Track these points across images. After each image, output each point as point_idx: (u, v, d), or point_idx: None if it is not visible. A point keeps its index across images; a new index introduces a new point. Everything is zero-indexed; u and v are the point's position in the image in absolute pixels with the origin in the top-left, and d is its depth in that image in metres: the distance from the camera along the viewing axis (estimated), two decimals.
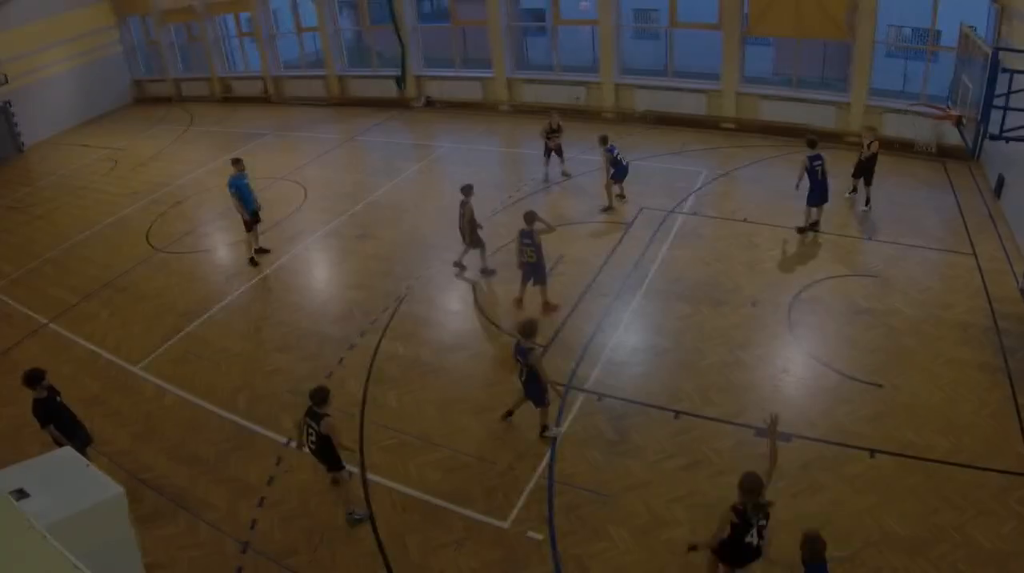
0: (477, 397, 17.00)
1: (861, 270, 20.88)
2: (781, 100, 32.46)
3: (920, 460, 14.43)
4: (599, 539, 13.22)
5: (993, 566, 12.24)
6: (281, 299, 21.75)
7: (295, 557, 13.35)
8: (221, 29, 45.99)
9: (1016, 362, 17.00)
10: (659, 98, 35.03)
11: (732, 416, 15.95)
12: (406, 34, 39.22)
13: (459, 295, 21.34)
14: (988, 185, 26.30)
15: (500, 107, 38.99)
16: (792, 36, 31.81)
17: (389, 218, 26.46)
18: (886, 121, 30.27)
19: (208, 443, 16.30)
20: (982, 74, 16.08)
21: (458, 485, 14.59)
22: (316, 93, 43.38)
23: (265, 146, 36.33)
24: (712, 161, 29.78)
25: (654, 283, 21.04)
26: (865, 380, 16.67)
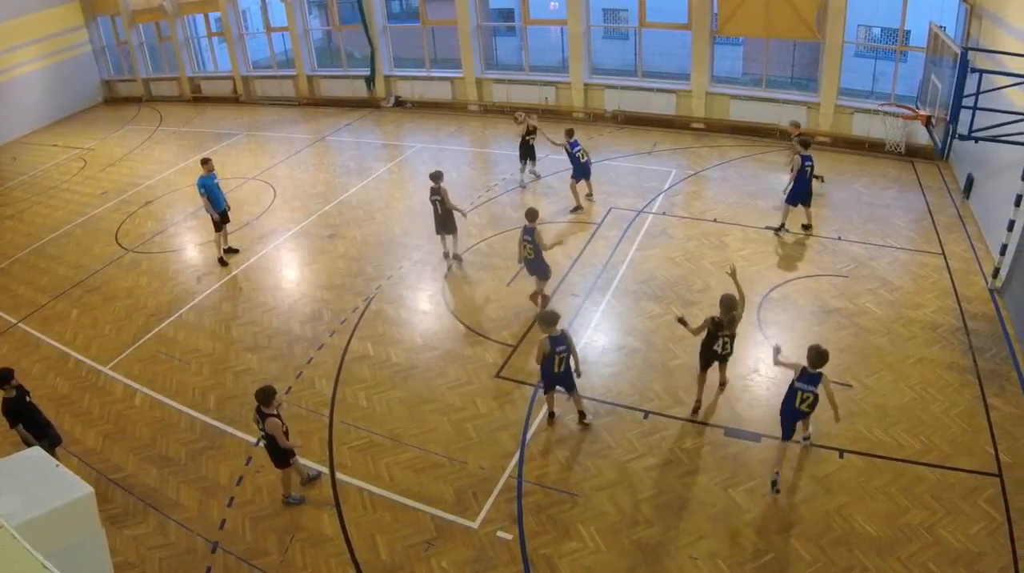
0: (447, 397, 16.97)
1: (831, 270, 20.94)
2: (751, 100, 32.61)
3: (890, 460, 14.49)
4: (569, 539, 13.23)
5: (962, 566, 12.29)
6: (251, 299, 21.71)
7: (265, 557, 13.32)
8: (191, 29, 45.93)
9: (985, 362, 17.11)
10: (629, 98, 35.15)
11: (701, 416, 16.00)
12: (376, 34, 39.33)
13: (429, 295, 21.28)
14: (957, 185, 26.44)
15: (469, 107, 39.11)
16: (762, 36, 31.87)
17: (359, 218, 26.45)
18: (856, 121, 30.46)
19: (178, 443, 16.24)
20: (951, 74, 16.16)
21: (428, 485, 14.57)
22: (286, 93, 43.43)
23: (235, 146, 36.24)
24: (682, 161, 29.85)
25: (624, 283, 21.07)
26: (835, 380, 16.51)
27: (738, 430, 15.49)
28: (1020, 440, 14.80)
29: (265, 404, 13.41)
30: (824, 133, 31.21)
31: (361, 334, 19.48)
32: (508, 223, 25.03)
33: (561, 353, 14.87)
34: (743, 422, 15.75)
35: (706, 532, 13.19)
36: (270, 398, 13.41)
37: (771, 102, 32.13)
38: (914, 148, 29.41)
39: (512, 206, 26.38)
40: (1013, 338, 17.89)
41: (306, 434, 15.64)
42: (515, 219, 24.99)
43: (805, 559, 12.57)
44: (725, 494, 13.94)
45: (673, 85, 34.72)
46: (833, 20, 29.61)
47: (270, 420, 13.36)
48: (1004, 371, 16.86)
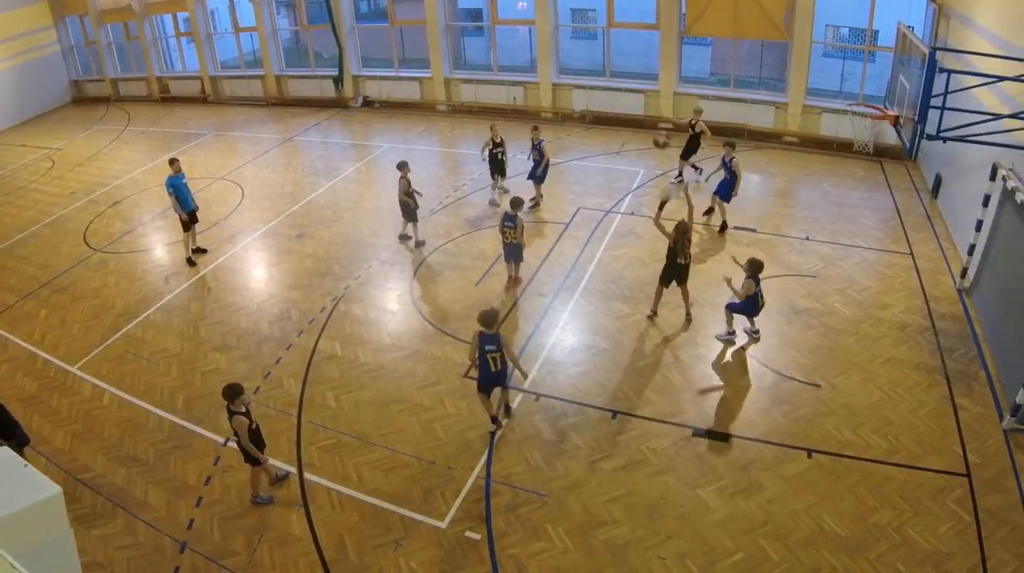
0: (415, 397, 16.92)
1: (799, 270, 21.01)
2: (719, 100, 32.72)
3: (858, 460, 14.52)
4: (537, 539, 13.20)
5: (930, 566, 12.31)
6: (219, 299, 21.59)
7: (233, 557, 13.24)
8: (159, 29, 45.71)
9: (953, 362, 17.19)
10: (597, 98, 35.32)
11: (670, 416, 15.97)
12: (344, 34, 39.33)
13: (397, 295, 21.21)
14: (925, 185, 26.59)
15: (438, 107, 39.15)
16: (730, 36, 31.99)
17: (327, 218, 26.38)
18: (824, 121, 30.61)
19: (146, 443, 16.12)
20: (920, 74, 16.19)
21: (396, 485, 14.51)
22: (254, 93, 43.35)
23: (203, 146, 36.07)
24: (650, 161, 29.91)
25: (592, 283, 21.09)
26: (803, 380, 16.77)
27: (706, 430, 15.47)
28: (988, 440, 14.86)
29: (232, 401, 13.34)
30: (792, 133, 31.38)
31: (329, 334, 19.41)
32: (476, 223, 25.08)
33: (491, 352, 14.86)
34: (711, 422, 15.74)
35: (674, 532, 13.18)
36: (236, 395, 13.34)
37: (739, 102, 32.33)
38: (882, 148, 29.58)
39: (479, 206, 26.41)
40: (981, 338, 17.97)
41: (274, 434, 15.53)
42: (484, 219, 25.07)
43: (773, 559, 12.58)
44: (693, 494, 13.93)
45: (641, 85, 34.92)
46: (801, 20, 29.76)
47: (236, 418, 13.32)
48: (972, 371, 16.93)
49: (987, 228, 18.72)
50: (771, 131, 32.01)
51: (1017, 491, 13.65)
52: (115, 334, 20.19)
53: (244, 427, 13.36)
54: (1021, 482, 13.81)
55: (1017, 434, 14.90)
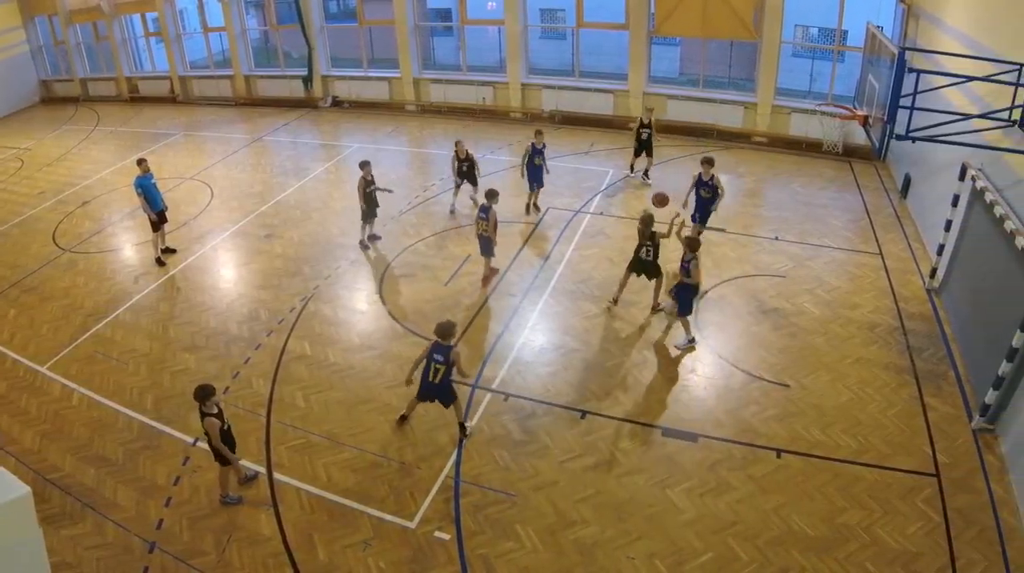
0: (384, 397, 16.87)
1: (768, 270, 21.06)
2: (688, 100, 32.89)
3: (827, 460, 14.56)
4: (506, 539, 13.17)
5: (900, 566, 12.34)
6: (188, 299, 21.47)
7: (202, 557, 13.15)
8: (128, 29, 45.44)
9: (922, 362, 17.27)
10: (566, 98, 35.47)
11: (639, 416, 15.98)
12: (313, 34, 39.27)
13: (366, 295, 21.16)
14: (895, 185, 26.73)
15: (407, 107, 39.19)
16: (699, 36, 32.18)
17: (296, 218, 26.31)
18: (793, 121, 30.75)
19: (115, 443, 16.00)
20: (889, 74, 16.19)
21: (365, 485, 14.46)
22: (223, 93, 43.18)
23: (172, 146, 35.89)
24: (619, 161, 29.96)
25: (562, 283, 21.11)
26: (772, 380, 16.81)
27: (675, 430, 15.48)
28: (957, 440, 14.93)
29: (203, 403, 13.28)
30: (761, 133, 31.54)
31: (299, 334, 19.35)
32: (445, 223, 25.07)
33: (437, 363, 14.72)
34: (681, 422, 15.74)
35: (644, 532, 13.17)
36: (208, 396, 13.28)
37: (708, 102, 32.45)
38: (851, 148, 29.76)
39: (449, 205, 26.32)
40: (950, 338, 18.05)
41: (243, 434, 15.39)
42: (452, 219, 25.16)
43: (742, 559, 12.58)
44: (662, 494, 13.92)
45: (610, 85, 35.12)
46: (770, 20, 29.89)
47: (208, 419, 13.26)
48: (941, 371, 17.00)
49: (956, 228, 18.80)
50: (740, 131, 32.14)
51: (986, 491, 13.70)
52: (84, 334, 20.04)
53: (215, 429, 13.29)
54: (990, 482, 13.87)
55: (986, 434, 14.97)
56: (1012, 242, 14.52)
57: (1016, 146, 15.71)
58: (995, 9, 18.79)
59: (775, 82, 31.17)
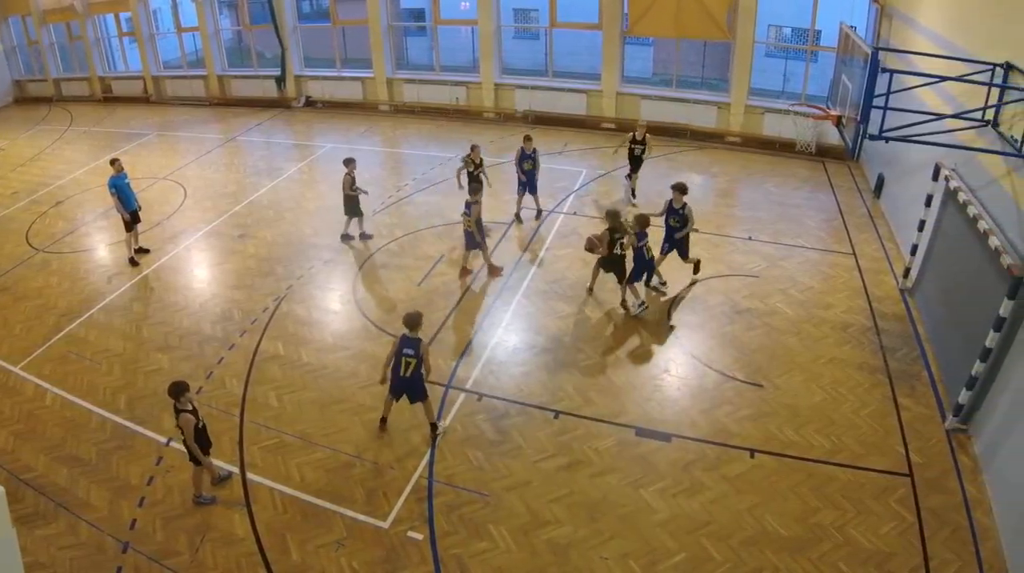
0: (357, 397, 16.84)
1: (742, 270, 21.11)
2: (661, 100, 33.00)
3: (801, 460, 14.58)
4: (479, 539, 13.15)
5: (873, 566, 12.37)
6: (162, 299, 21.39)
7: (176, 557, 13.10)
8: (101, 29, 45.26)
9: (896, 362, 17.32)
10: (539, 98, 35.58)
11: (612, 416, 15.97)
12: (286, 34, 39.28)
13: (339, 295, 21.14)
14: (868, 185, 26.84)
15: (380, 107, 39.22)
16: (673, 36, 32.27)
17: (270, 218, 26.26)
18: (766, 121, 30.87)
19: (89, 443, 15.91)
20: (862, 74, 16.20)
21: (339, 485, 14.42)
22: (197, 93, 43.09)
23: (146, 146, 35.74)
24: (592, 161, 30.12)
25: (534, 283, 21.15)
26: (746, 380, 16.83)
27: (649, 430, 15.48)
28: (931, 440, 14.97)
29: (177, 399, 13.21)
30: (735, 133, 31.67)
31: (272, 334, 19.29)
32: (419, 223, 25.06)
33: (408, 357, 14.76)
34: (654, 422, 15.74)
35: (617, 532, 13.16)
36: (181, 393, 13.22)
37: (681, 102, 32.57)
38: (825, 148, 29.88)
39: (422, 205, 26.50)
40: (924, 338, 18.11)
41: (217, 434, 15.26)
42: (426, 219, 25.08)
43: (716, 559, 12.59)
44: (636, 494, 13.92)
45: (584, 85, 35.24)
46: (743, 20, 30.01)
47: (183, 416, 13.21)
48: (915, 371, 17.06)
49: (929, 228, 18.86)
50: (714, 131, 32.25)
51: (959, 491, 13.74)
52: (57, 334, 19.93)
53: (190, 425, 13.25)
54: (964, 482, 13.91)
55: (959, 434, 15.02)
56: (985, 242, 14.56)
57: (989, 146, 15.77)
58: (968, 9, 18.86)
59: (748, 82, 31.30)
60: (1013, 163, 14.75)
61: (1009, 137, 14.94)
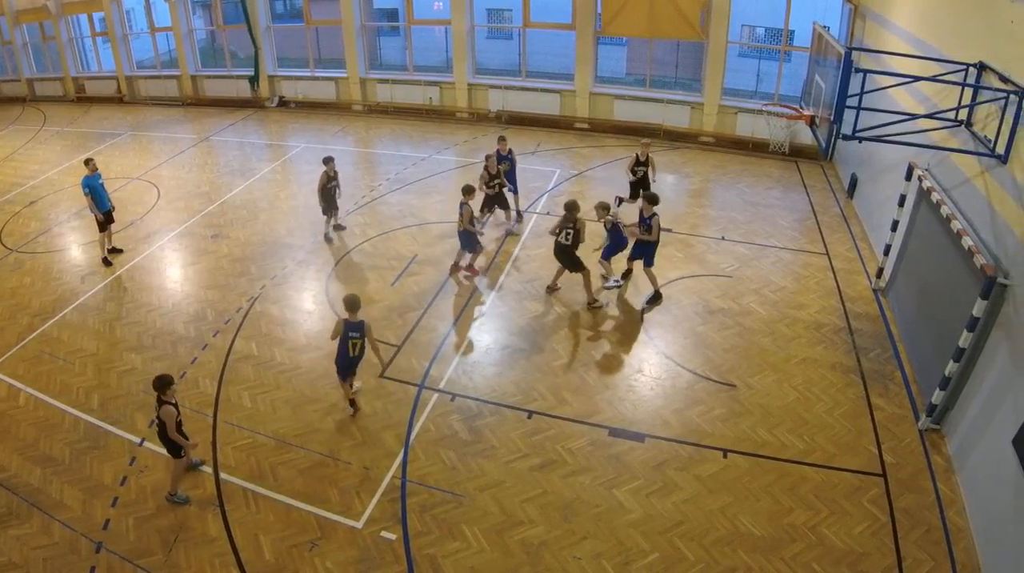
0: (331, 397, 16.80)
1: (715, 270, 21.14)
2: (634, 100, 33.11)
3: (774, 460, 14.63)
4: (453, 539, 13.15)
5: (846, 566, 12.41)
6: (135, 299, 21.31)
7: (149, 557, 13.05)
8: (75, 29, 45.02)
9: (869, 362, 17.39)
10: (512, 98, 35.69)
11: (585, 416, 15.99)
12: (259, 34, 39.20)
13: (313, 295, 21.11)
14: (841, 185, 26.95)
15: (354, 107, 39.25)
16: (646, 36, 32.32)
17: (243, 218, 26.19)
18: (740, 121, 30.99)
19: (62, 443, 15.84)
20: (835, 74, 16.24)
21: (312, 485, 14.40)
22: (170, 93, 42.97)
23: (119, 146, 35.57)
24: (565, 161, 30.17)
25: (508, 283, 21.19)
26: (719, 380, 16.87)
27: (622, 430, 15.51)
28: (904, 440, 15.03)
29: (163, 392, 13.22)
30: (708, 133, 31.80)
31: (245, 334, 19.23)
32: (392, 223, 25.05)
33: (354, 338, 15.21)
34: (627, 422, 15.76)
35: (590, 532, 13.17)
36: (167, 385, 13.24)
37: (655, 102, 32.67)
38: (798, 148, 29.99)
39: (395, 206, 26.52)
40: (897, 338, 18.19)
41: (190, 434, 15.15)
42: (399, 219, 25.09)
43: (689, 559, 12.61)
44: (609, 494, 13.94)
45: (557, 85, 35.33)
46: (717, 20, 30.17)
47: (164, 407, 13.22)
48: (888, 371, 17.13)
49: (903, 228, 18.93)
50: (687, 131, 32.37)
51: (932, 491, 13.80)
52: (31, 334, 19.83)
53: (172, 417, 13.28)
54: (937, 482, 13.97)
55: (933, 434, 15.09)
56: (959, 242, 14.62)
57: (963, 146, 15.84)
58: (942, 9, 18.92)
59: (722, 82, 31.43)
60: (986, 163, 14.81)
61: (982, 137, 15.01)
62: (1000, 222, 13.94)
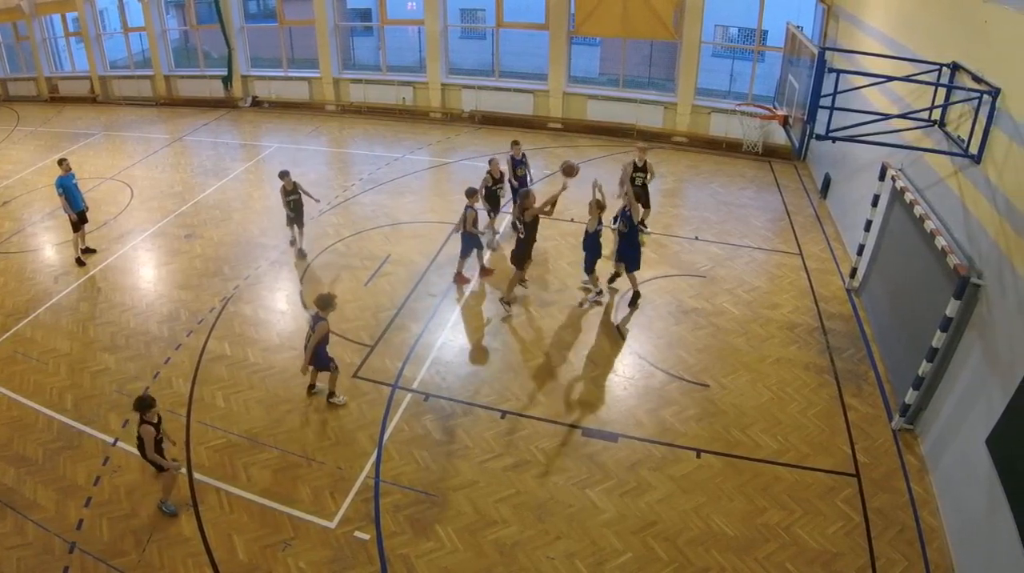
0: (304, 397, 16.80)
1: (688, 270, 21.18)
2: (608, 100, 33.21)
3: (747, 460, 14.68)
4: (426, 539, 13.15)
5: (820, 566, 12.46)
6: (108, 299, 21.24)
7: (123, 557, 13.02)
8: (48, 29, 44.78)
9: (842, 362, 17.45)
10: (486, 98, 35.75)
11: (559, 416, 16.01)
12: (233, 34, 39.11)
13: (285, 295, 21.10)
14: (815, 185, 27.04)
15: (327, 107, 39.23)
16: (619, 36, 32.39)
17: (217, 218, 26.10)
18: (713, 121, 31.09)
19: (35, 443, 15.78)
20: (809, 74, 16.26)
21: (285, 485, 14.39)
22: (144, 93, 42.77)
23: (92, 146, 35.40)
24: (539, 161, 30.05)
25: (481, 283, 21.19)
26: (692, 380, 16.90)
27: (596, 430, 15.54)
28: (877, 440, 15.11)
29: (143, 413, 13.12)
30: (682, 133, 31.90)
31: (218, 334, 19.19)
32: (365, 223, 25.05)
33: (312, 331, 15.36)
34: (601, 422, 15.80)
35: (563, 532, 13.19)
36: (148, 407, 13.13)
37: (629, 102, 32.75)
38: (771, 148, 30.10)
39: (368, 206, 26.51)
40: (870, 338, 18.25)
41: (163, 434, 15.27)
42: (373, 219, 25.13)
43: (662, 559, 12.63)
44: (582, 494, 13.96)
45: (530, 85, 35.39)
46: (690, 20, 30.27)
47: (144, 426, 13.12)
48: (861, 371, 17.20)
49: (876, 228, 18.99)
50: (660, 131, 32.46)
51: (906, 491, 13.87)
52: (4, 334, 19.75)
53: (151, 437, 13.15)
54: (910, 482, 14.04)
55: (906, 434, 15.16)
56: (932, 242, 14.68)
57: (936, 146, 15.90)
58: (915, 10, 18.98)
59: (695, 82, 31.53)
60: (959, 163, 14.87)
61: (956, 137, 15.07)
62: (974, 222, 14.00)
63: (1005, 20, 13.66)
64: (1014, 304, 12.13)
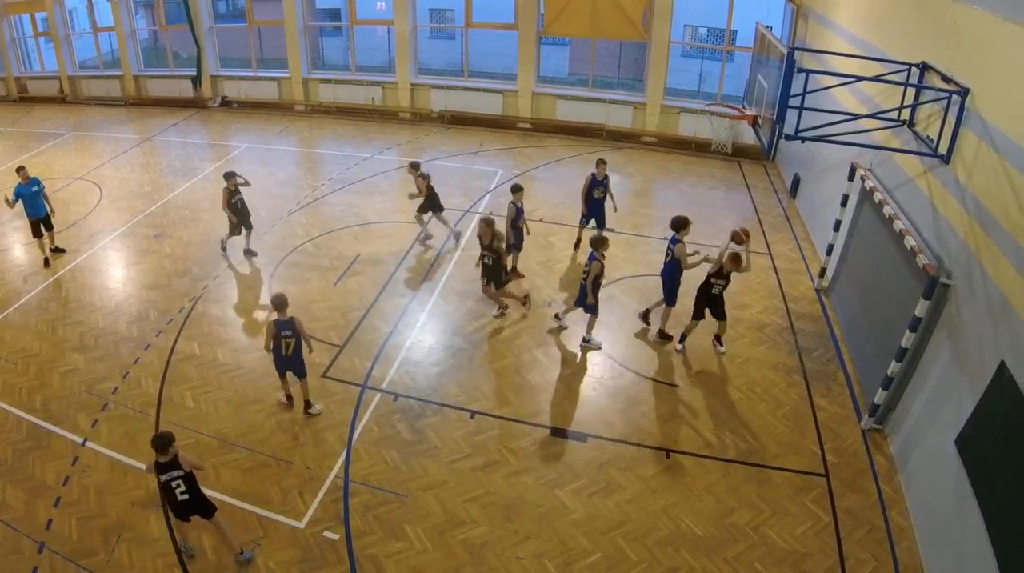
0: (273, 397, 16.70)
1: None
2: (577, 100, 33.30)
3: (717, 460, 14.72)
4: (395, 539, 13.13)
5: (788, 565, 12.51)
6: (77, 299, 21.13)
7: (92, 557, 12.95)
8: (17, 29, 44.42)
9: (811, 362, 17.55)
10: (455, 98, 35.79)
11: (528, 416, 16.03)
12: (202, 34, 38.98)
13: (255, 295, 21.09)
14: (784, 185, 27.16)
15: (296, 107, 39.14)
16: (588, 36, 32.55)
17: (186, 218, 25.98)
18: (682, 121, 31.21)
19: (4, 443, 15.68)
20: (778, 74, 16.30)
21: (254, 485, 14.34)
22: (113, 93, 42.54)
23: (61, 146, 35.17)
24: (508, 161, 30.28)
25: (451, 283, 21.16)
26: (662, 380, 16.95)
27: (565, 430, 15.60)
28: (846, 440, 15.20)
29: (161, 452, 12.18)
30: (651, 133, 31.98)
31: (188, 334, 19.11)
32: (334, 223, 25.01)
33: (287, 337, 15.18)
34: (570, 422, 15.86)
35: (532, 532, 13.21)
36: (167, 446, 12.16)
37: (597, 102, 32.82)
38: (741, 148, 30.25)
39: (338, 205, 26.49)
40: (840, 338, 18.33)
41: (132, 434, 15.35)
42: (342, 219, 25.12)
43: (631, 559, 12.65)
44: (551, 494, 13.98)
45: (499, 85, 35.49)
46: (659, 20, 30.35)
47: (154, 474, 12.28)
48: (830, 371, 17.30)
49: (845, 228, 19.08)
50: (630, 131, 32.57)
51: (875, 491, 13.95)
52: None
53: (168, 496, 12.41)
54: (879, 482, 14.13)
55: (875, 434, 15.23)
56: (901, 242, 14.74)
57: (905, 146, 15.98)
58: (884, 10, 19.08)
59: (664, 82, 31.63)
60: (929, 163, 14.95)
61: (925, 137, 15.16)
62: (943, 222, 14.07)
63: (974, 20, 13.74)
64: (983, 304, 12.20)
